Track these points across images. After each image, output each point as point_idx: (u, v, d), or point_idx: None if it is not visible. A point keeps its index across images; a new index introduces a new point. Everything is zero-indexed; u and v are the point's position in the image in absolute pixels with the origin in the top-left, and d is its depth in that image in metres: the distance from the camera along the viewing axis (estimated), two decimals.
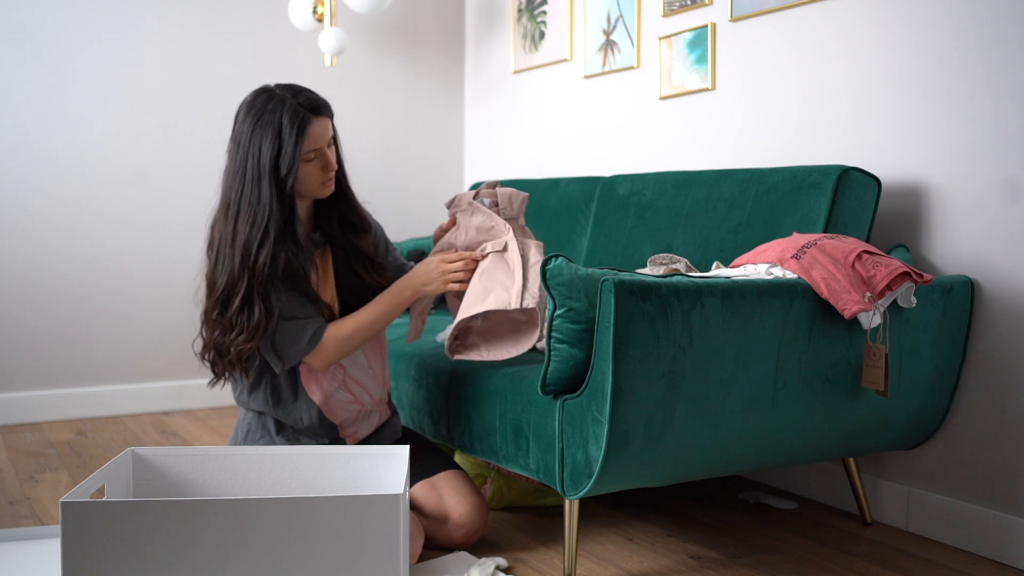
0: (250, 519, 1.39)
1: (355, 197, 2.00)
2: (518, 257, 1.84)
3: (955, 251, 2.07)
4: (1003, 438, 1.99)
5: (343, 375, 1.95)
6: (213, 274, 1.85)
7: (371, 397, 2.00)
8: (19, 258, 3.20)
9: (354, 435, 2.00)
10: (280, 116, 1.77)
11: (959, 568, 1.94)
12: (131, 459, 1.71)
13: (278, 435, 1.94)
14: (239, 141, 1.81)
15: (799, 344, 1.75)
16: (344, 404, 1.95)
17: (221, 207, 1.86)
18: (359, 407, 1.98)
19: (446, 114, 3.99)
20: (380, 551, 1.41)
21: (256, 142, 1.77)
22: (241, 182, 1.79)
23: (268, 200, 1.78)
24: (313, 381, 1.92)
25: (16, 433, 3.07)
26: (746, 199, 2.22)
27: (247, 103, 1.83)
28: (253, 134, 1.78)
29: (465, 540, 1.95)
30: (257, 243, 1.78)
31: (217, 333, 1.83)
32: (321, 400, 1.92)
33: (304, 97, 1.81)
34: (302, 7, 3.41)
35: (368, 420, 2.01)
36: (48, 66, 3.21)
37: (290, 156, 1.76)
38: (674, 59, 2.81)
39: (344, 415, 1.96)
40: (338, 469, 1.74)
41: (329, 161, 1.85)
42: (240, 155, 1.80)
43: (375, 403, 2.01)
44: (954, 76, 2.06)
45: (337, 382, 1.94)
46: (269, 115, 1.78)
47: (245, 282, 1.78)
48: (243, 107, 1.84)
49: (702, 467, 1.81)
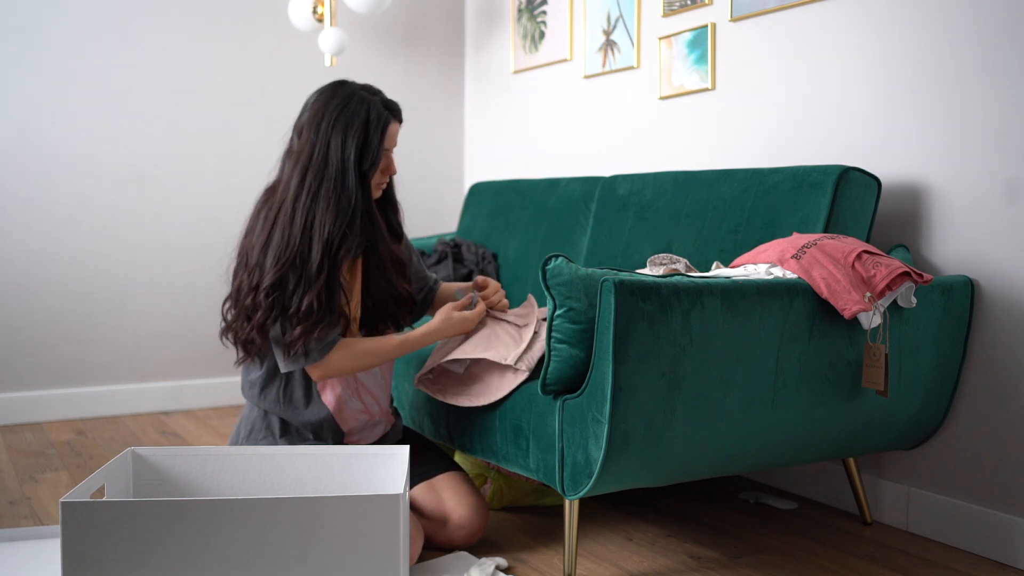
0: (250, 519, 1.39)
1: (398, 202, 2.02)
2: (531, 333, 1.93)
3: (955, 251, 2.07)
4: (1003, 438, 1.99)
5: (356, 384, 1.94)
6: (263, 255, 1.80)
7: (380, 407, 2.00)
8: (19, 258, 3.19)
9: (358, 443, 1.99)
10: (367, 110, 1.81)
11: (959, 568, 1.94)
12: (131, 459, 1.71)
13: (282, 437, 1.92)
14: (318, 128, 1.81)
15: (799, 344, 1.75)
16: (355, 413, 1.95)
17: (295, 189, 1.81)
18: (368, 417, 1.97)
19: (446, 114, 3.99)
20: (380, 551, 1.41)
21: (340, 132, 1.80)
22: (322, 170, 1.79)
23: (353, 191, 1.80)
24: (328, 386, 1.91)
25: (16, 433, 3.07)
26: (746, 199, 2.22)
27: (326, 93, 1.85)
28: (336, 123, 1.80)
29: (465, 542, 1.95)
30: (341, 233, 1.79)
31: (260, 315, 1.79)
32: (334, 406, 1.91)
33: (385, 98, 1.88)
34: (302, 7, 3.41)
35: (373, 430, 2.01)
36: (48, 66, 3.21)
37: (374, 150, 1.80)
38: (674, 59, 2.81)
39: (353, 423, 1.95)
40: (338, 469, 1.74)
41: (392, 164, 1.89)
42: (320, 143, 1.80)
43: (382, 413, 2.01)
44: (954, 76, 2.06)
45: (351, 390, 1.93)
46: (355, 107, 1.81)
47: (326, 270, 1.78)
48: (320, 96, 1.85)
49: (702, 467, 1.81)
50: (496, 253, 3.06)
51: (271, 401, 1.91)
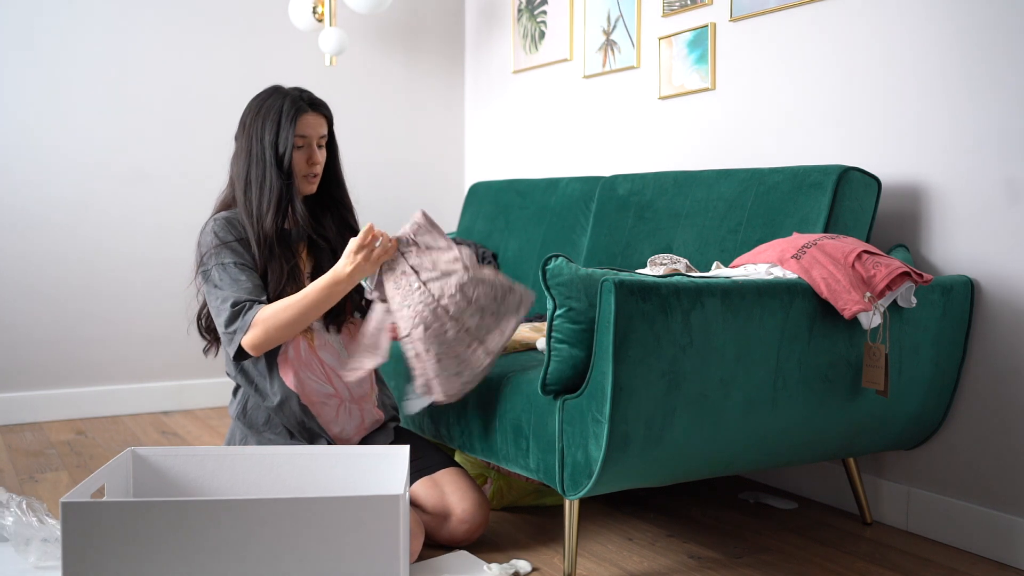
0: (250, 519, 1.39)
1: (351, 203, 2.12)
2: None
3: (955, 251, 2.07)
4: (1003, 438, 1.99)
5: (316, 362, 1.96)
6: None
7: (350, 391, 2.00)
8: (19, 258, 3.19)
9: (339, 435, 1.99)
10: (281, 103, 1.96)
11: (959, 568, 1.94)
12: (131, 459, 1.71)
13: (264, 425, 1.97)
14: (244, 124, 2.00)
15: (799, 344, 1.75)
16: (322, 396, 1.96)
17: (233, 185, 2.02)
18: (338, 400, 1.98)
19: (446, 114, 3.99)
20: (380, 551, 1.41)
21: (259, 125, 1.96)
22: (248, 161, 1.97)
23: (272, 176, 1.95)
24: (287, 364, 1.94)
25: (16, 433, 3.07)
26: (746, 199, 2.22)
27: (256, 96, 2.03)
28: (256, 117, 1.97)
29: (467, 536, 1.95)
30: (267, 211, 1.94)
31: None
32: (295, 384, 1.94)
33: (305, 93, 2.01)
34: (302, 7, 3.41)
35: (350, 416, 2.01)
36: (48, 66, 3.21)
37: (285, 137, 1.94)
38: (674, 59, 2.81)
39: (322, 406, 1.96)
40: (338, 469, 1.74)
41: (314, 154, 1.99)
42: (245, 137, 1.99)
43: (354, 398, 2.01)
44: (955, 76, 2.06)
45: (311, 370, 1.95)
46: (271, 101, 1.97)
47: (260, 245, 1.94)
48: (251, 100, 2.03)
49: (702, 467, 1.81)
50: (496, 253, 3.06)
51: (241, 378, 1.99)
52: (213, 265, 1.92)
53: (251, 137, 1.97)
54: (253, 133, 1.97)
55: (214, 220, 1.98)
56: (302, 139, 1.96)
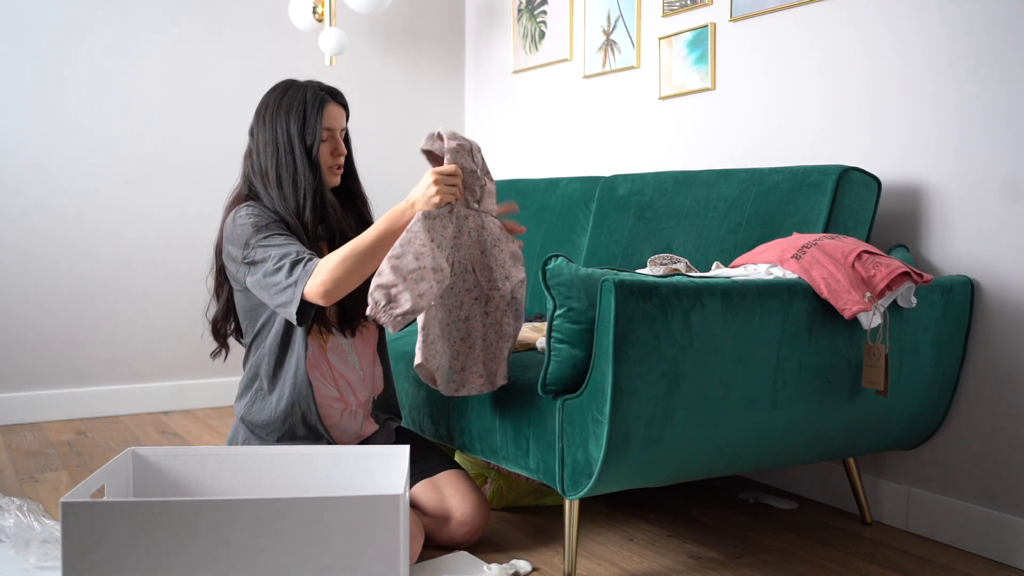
0: (250, 519, 1.39)
1: (367, 196, 2.09)
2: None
3: (955, 251, 2.07)
4: (1003, 438, 1.99)
5: (325, 364, 1.94)
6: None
7: (356, 398, 1.99)
8: (19, 258, 3.20)
9: (340, 439, 1.98)
10: (304, 94, 1.92)
11: (959, 568, 1.94)
12: (131, 459, 1.71)
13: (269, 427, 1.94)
14: (264, 118, 1.94)
15: (799, 344, 1.75)
16: (327, 399, 1.94)
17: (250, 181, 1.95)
18: (344, 406, 1.97)
19: (446, 114, 3.99)
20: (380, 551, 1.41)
21: (282, 116, 1.91)
22: (275, 154, 1.91)
23: (303, 168, 1.90)
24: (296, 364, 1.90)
25: (16, 433, 3.07)
26: (746, 199, 2.22)
27: (270, 89, 1.98)
28: (279, 110, 1.92)
29: (467, 539, 1.95)
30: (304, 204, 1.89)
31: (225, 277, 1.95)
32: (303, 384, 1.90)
33: (324, 84, 1.98)
34: (302, 7, 3.41)
35: (353, 421, 1.99)
36: (47, 65, 3.21)
37: (313, 127, 1.90)
38: (674, 59, 2.81)
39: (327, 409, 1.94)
40: (338, 469, 1.74)
41: (339, 145, 1.96)
42: (268, 130, 1.92)
43: (359, 404, 2.00)
44: (954, 76, 2.06)
45: (319, 371, 1.93)
46: (293, 93, 1.93)
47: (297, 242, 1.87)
48: (264, 96, 1.98)
49: (702, 467, 1.81)
50: None
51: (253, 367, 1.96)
52: (256, 244, 1.82)
53: (275, 130, 1.91)
54: (277, 126, 1.91)
55: (246, 207, 1.88)
56: (327, 131, 1.93)
